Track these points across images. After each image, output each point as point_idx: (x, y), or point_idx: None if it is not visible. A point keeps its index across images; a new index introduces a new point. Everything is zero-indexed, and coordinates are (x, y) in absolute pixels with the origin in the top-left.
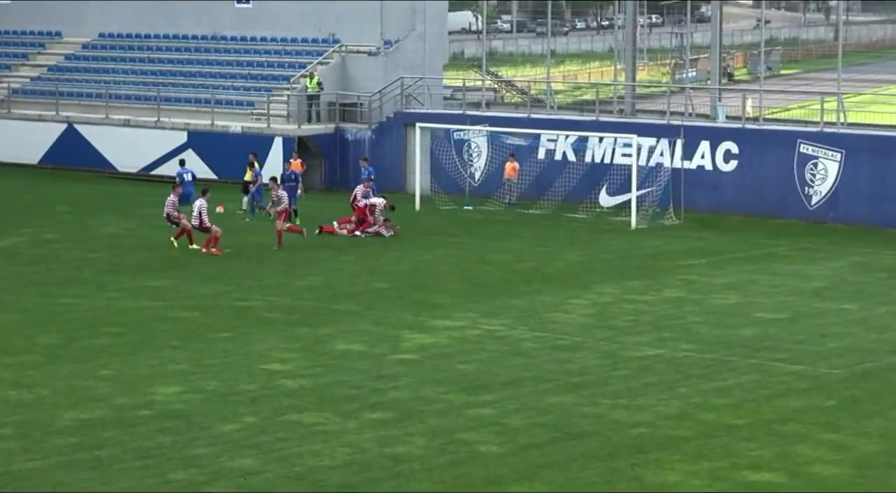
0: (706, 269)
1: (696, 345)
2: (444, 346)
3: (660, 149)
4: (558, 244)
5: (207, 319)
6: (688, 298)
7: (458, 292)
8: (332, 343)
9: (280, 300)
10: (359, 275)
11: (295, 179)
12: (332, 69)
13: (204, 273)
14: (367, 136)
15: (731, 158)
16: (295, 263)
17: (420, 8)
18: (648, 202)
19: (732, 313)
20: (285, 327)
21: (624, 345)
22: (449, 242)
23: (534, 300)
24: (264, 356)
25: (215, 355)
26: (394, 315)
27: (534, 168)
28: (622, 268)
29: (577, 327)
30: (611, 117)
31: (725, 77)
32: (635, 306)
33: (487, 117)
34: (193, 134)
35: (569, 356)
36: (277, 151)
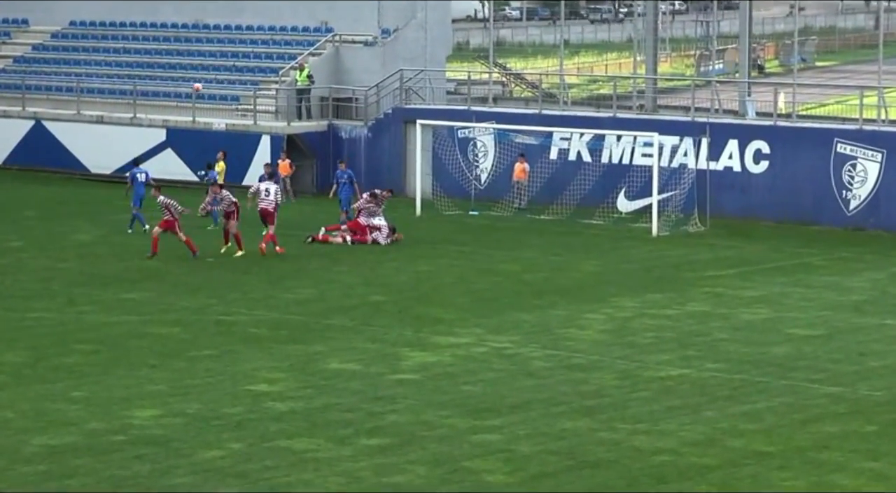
0: (734, 280)
1: (723, 364)
2: (447, 365)
3: (683, 148)
4: (572, 253)
5: (188, 335)
6: (714, 312)
7: (462, 306)
8: (324, 362)
9: (267, 315)
10: (354, 287)
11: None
12: (324, 61)
13: (184, 285)
14: (363, 134)
15: (762, 158)
16: (283, 274)
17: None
18: (671, 207)
19: (763, 329)
20: (273, 345)
21: (644, 364)
22: (453, 250)
23: (546, 315)
24: (250, 376)
25: (197, 374)
26: (392, 331)
27: (546, 169)
28: (642, 279)
29: (593, 344)
30: (630, 114)
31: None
32: (657, 321)
33: (495, 114)
34: (173, 132)
35: (584, 377)
36: (265, 151)
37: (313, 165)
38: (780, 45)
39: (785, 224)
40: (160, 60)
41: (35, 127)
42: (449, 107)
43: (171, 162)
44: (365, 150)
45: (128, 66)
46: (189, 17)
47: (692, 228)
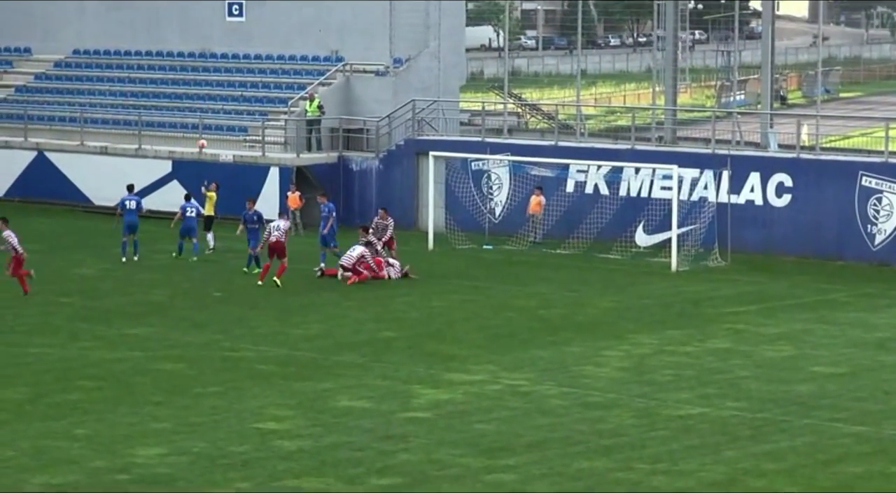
0: (756, 317)
1: (744, 403)
2: (460, 403)
3: (704, 181)
4: (589, 288)
5: (194, 371)
6: (735, 349)
7: (476, 343)
8: (333, 399)
9: (275, 351)
10: (364, 323)
11: (258, 220)
12: (334, 91)
13: (189, 320)
14: (374, 165)
15: (784, 191)
16: (291, 309)
17: (434, 22)
18: (691, 242)
19: (785, 367)
20: (281, 381)
21: (663, 402)
22: (466, 286)
23: (562, 352)
24: (258, 414)
25: (203, 412)
26: (404, 368)
27: (562, 203)
28: (661, 315)
29: (610, 381)
30: (648, 146)
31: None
32: (676, 358)
33: (509, 146)
34: (179, 163)
35: (601, 415)
36: (273, 183)
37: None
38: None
39: (808, 259)
40: (165, 90)
41: (37, 158)
42: (462, 138)
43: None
44: (376, 182)
45: (132, 95)
46: (195, 46)
47: (712, 263)
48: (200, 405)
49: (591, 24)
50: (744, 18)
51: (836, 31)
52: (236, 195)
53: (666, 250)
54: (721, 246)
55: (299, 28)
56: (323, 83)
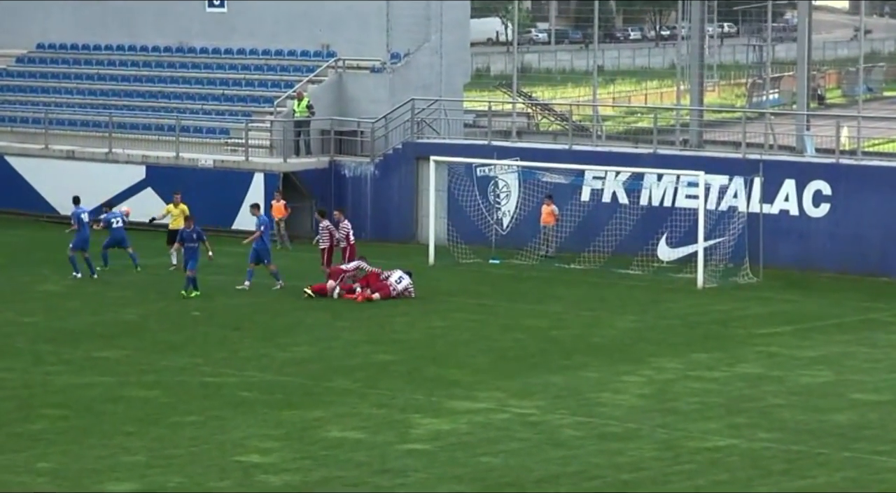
0: (791, 339)
1: (777, 433)
2: (463, 433)
3: (733, 189)
4: (607, 307)
5: (169, 398)
6: (768, 374)
7: (481, 367)
8: (324, 430)
9: (260, 376)
10: (358, 345)
11: (197, 238)
12: (325, 89)
13: (165, 342)
14: (370, 171)
15: (822, 200)
16: (278, 329)
17: (436, 13)
18: (719, 256)
19: (823, 394)
20: (266, 410)
21: (688, 433)
22: (471, 304)
23: (576, 377)
24: (240, 446)
25: (180, 443)
26: (401, 395)
27: (576, 213)
28: (686, 337)
29: (629, 410)
30: (672, 150)
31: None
32: (702, 384)
33: (519, 150)
34: (154, 169)
35: (620, 447)
36: (258, 190)
37: (312, 206)
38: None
39: (848, 275)
40: (139, 88)
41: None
42: (467, 141)
43: (152, 203)
44: (371, 190)
45: (102, 94)
46: (172, 40)
47: (743, 279)
48: (177, 436)
49: (608, 16)
50: (778, 9)
51: (880, 23)
52: (217, 204)
53: (691, 264)
54: (752, 261)
55: (287, 20)
56: (313, 81)
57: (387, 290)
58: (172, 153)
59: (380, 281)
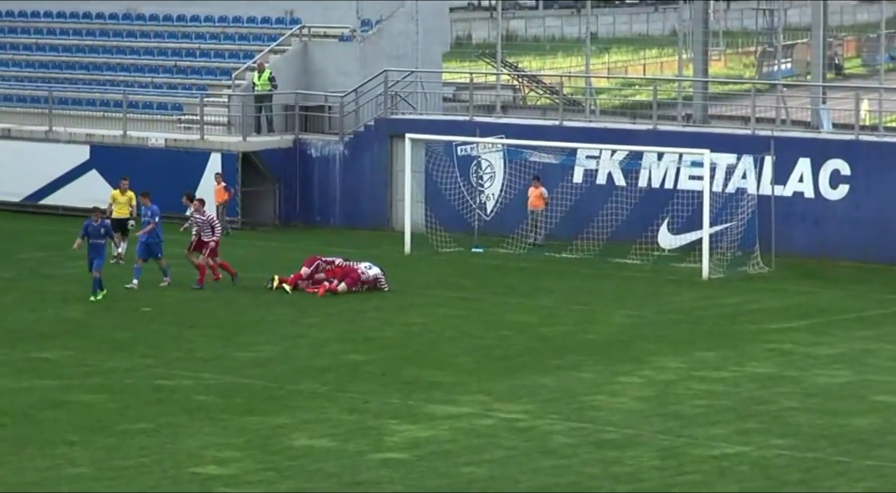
0: (806, 335)
1: (792, 440)
2: (444, 441)
3: (742, 169)
4: (602, 301)
5: (118, 404)
6: (781, 375)
7: (464, 367)
8: (289, 438)
9: (218, 378)
10: (327, 343)
11: (105, 233)
12: (289, 60)
13: (114, 341)
14: (338, 151)
15: (841, 181)
16: (239, 327)
17: None
18: (726, 243)
19: (842, 396)
20: (225, 416)
21: (693, 440)
22: (452, 297)
23: (569, 378)
24: (196, 456)
25: (129, 454)
26: (375, 399)
27: (568, 196)
28: (690, 333)
29: (628, 414)
30: (674, 126)
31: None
32: (708, 385)
33: (504, 126)
34: (98, 149)
35: (617, 456)
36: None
37: (275, 190)
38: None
39: (869, 264)
40: (83, 60)
41: None
42: (446, 117)
43: (97, 186)
44: (340, 171)
45: (42, 67)
46: (120, 7)
47: (753, 268)
48: (126, 446)
49: None
50: None
51: None
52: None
53: (696, 253)
54: (763, 248)
55: None
56: (275, 50)
57: (355, 274)
58: (119, 131)
59: (347, 266)
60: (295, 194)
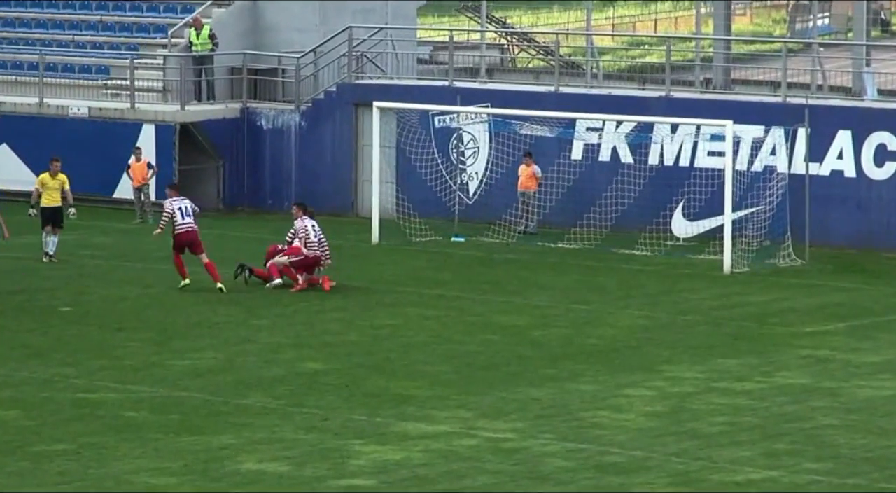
0: (846, 339)
1: (829, 463)
2: (417, 465)
3: (770, 144)
4: (606, 299)
5: (32, 421)
6: (817, 386)
7: (441, 378)
8: (235, 461)
9: (151, 391)
10: (279, 349)
11: None
12: (234, 14)
13: (26, 347)
14: (294, 122)
15: (888, 158)
16: (175, 330)
17: None
18: (752, 231)
19: (888, 413)
20: (159, 435)
21: (713, 464)
22: (427, 295)
23: (566, 390)
24: (125, 482)
25: (46, 480)
26: (337, 415)
27: (565, 175)
28: (710, 337)
29: (636, 433)
30: (690, 92)
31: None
32: (731, 399)
33: (489, 93)
34: (10, 120)
35: (623, 482)
36: (147, 147)
37: (219, 168)
38: None
39: None
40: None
41: None
42: (422, 82)
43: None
44: (297, 146)
45: None
46: None
47: (783, 261)
48: (42, 471)
49: None
50: None
51: None
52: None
53: (716, 242)
54: (795, 238)
55: None
56: (219, 3)
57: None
58: (35, 99)
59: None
60: (242, 174)
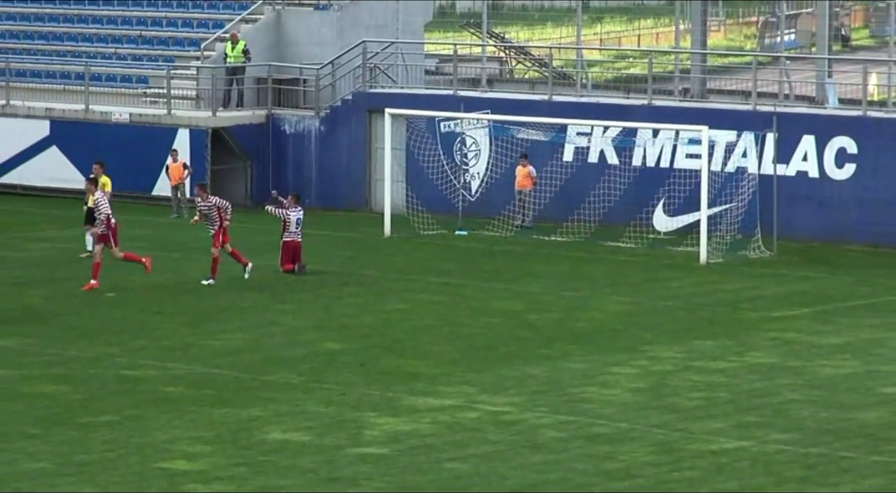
0: (810, 323)
1: (795, 434)
2: (426, 435)
3: (742, 147)
4: (594, 286)
5: (80, 395)
6: (783, 365)
7: (447, 357)
8: (262, 431)
9: (186, 368)
10: (302, 331)
11: None
12: (261, 29)
13: (75, 328)
14: (314, 127)
15: (847, 160)
16: (208, 313)
17: None
18: (726, 225)
19: (848, 388)
20: (194, 408)
21: (690, 434)
22: (434, 283)
23: (558, 369)
24: (163, 450)
25: (92, 448)
26: (353, 390)
27: (558, 175)
28: (687, 321)
29: (621, 407)
30: (670, 101)
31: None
32: (706, 376)
33: (489, 101)
34: (59, 125)
35: (609, 451)
36: (183, 149)
37: (247, 169)
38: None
39: (878, 248)
40: (41, 29)
41: None
42: (428, 91)
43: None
44: (316, 148)
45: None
46: None
47: (754, 253)
48: (89, 439)
49: None
50: None
51: None
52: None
53: (693, 236)
54: (765, 231)
55: None
56: (247, 20)
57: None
58: (81, 106)
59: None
60: (268, 173)
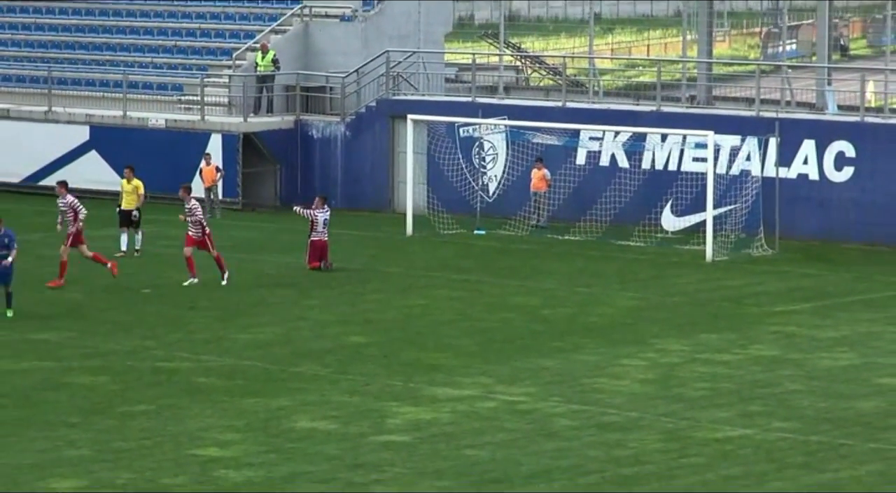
0: (810, 317)
1: (795, 423)
2: (445, 423)
3: (746, 151)
4: (605, 283)
5: (118, 385)
6: (785, 357)
7: (465, 350)
8: (290, 420)
9: (218, 360)
10: (328, 325)
11: (8, 244)
12: (290, 40)
13: (113, 323)
14: (340, 132)
15: (846, 163)
16: (239, 308)
17: None
18: (730, 225)
19: (846, 379)
20: (226, 398)
21: (696, 422)
22: (453, 280)
23: (571, 361)
24: (197, 438)
25: (129, 435)
26: (377, 381)
27: (571, 177)
28: (694, 316)
29: (630, 397)
30: (678, 107)
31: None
32: (712, 368)
33: (506, 107)
34: (98, 130)
35: (619, 438)
36: (215, 153)
37: (276, 171)
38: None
39: (875, 247)
40: (82, 39)
41: None
42: (448, 98)
43: (96, 167)
44: (342, 152)
45: (41, 46)
46: None
47: (757, 251)
48: (127, 428)
49: None
50: None
51: None
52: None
53: (699, 235)
54: (767, 231)
55: None
56: (276, 30)
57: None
58: (119, 112)
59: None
60: (296, 176)
